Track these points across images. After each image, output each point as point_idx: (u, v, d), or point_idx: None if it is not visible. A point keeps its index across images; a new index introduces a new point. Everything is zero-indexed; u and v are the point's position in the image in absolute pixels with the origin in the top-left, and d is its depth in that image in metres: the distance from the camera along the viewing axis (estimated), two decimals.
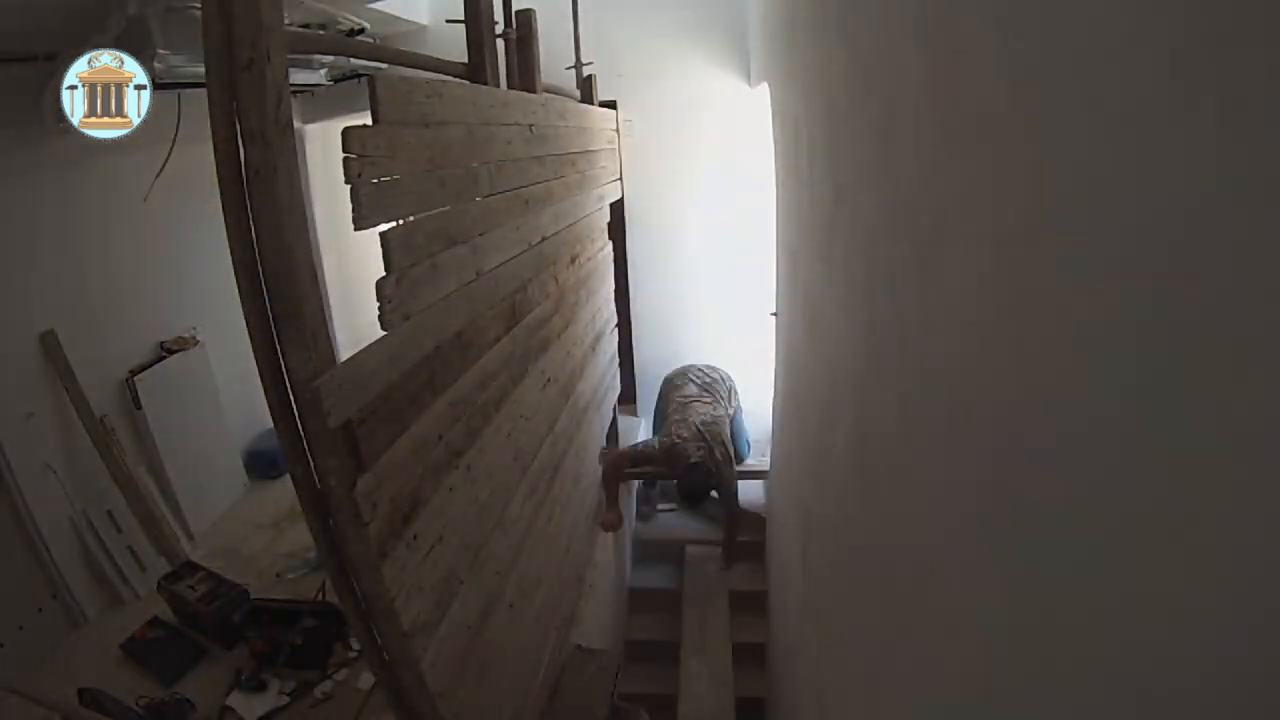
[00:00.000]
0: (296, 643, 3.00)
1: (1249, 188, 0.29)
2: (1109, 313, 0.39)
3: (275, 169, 1.05)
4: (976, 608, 0.61)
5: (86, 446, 3.51)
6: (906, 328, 0.85)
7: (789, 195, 2.34)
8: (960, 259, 0.64)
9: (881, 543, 1.02)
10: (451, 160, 1.63)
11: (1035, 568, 0.49)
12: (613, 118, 4.03)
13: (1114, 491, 0.40)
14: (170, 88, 3.11)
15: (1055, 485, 0.46)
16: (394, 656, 1.38)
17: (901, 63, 0.81)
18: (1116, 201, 0.39)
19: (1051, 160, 0.46)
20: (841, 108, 1.24)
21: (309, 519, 1.23)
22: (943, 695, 0.71)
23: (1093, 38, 0.40)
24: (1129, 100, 0.37)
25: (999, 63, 0.54)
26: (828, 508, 1.51)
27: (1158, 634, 0.36)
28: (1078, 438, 0.43)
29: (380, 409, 1.30)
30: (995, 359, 0.57)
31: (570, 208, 2.84)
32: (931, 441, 0.75)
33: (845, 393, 1.29)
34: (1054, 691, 0.47)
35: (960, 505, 0.65)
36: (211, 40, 1.02)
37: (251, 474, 4.66)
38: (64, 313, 3.43)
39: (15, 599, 3.13)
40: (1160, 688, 0.36)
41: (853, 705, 1.20)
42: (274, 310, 1.10)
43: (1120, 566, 0.39)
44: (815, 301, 1.70)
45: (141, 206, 3.71)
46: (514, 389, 2.10)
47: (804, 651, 1.82)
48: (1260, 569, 0.29)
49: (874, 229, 1.03)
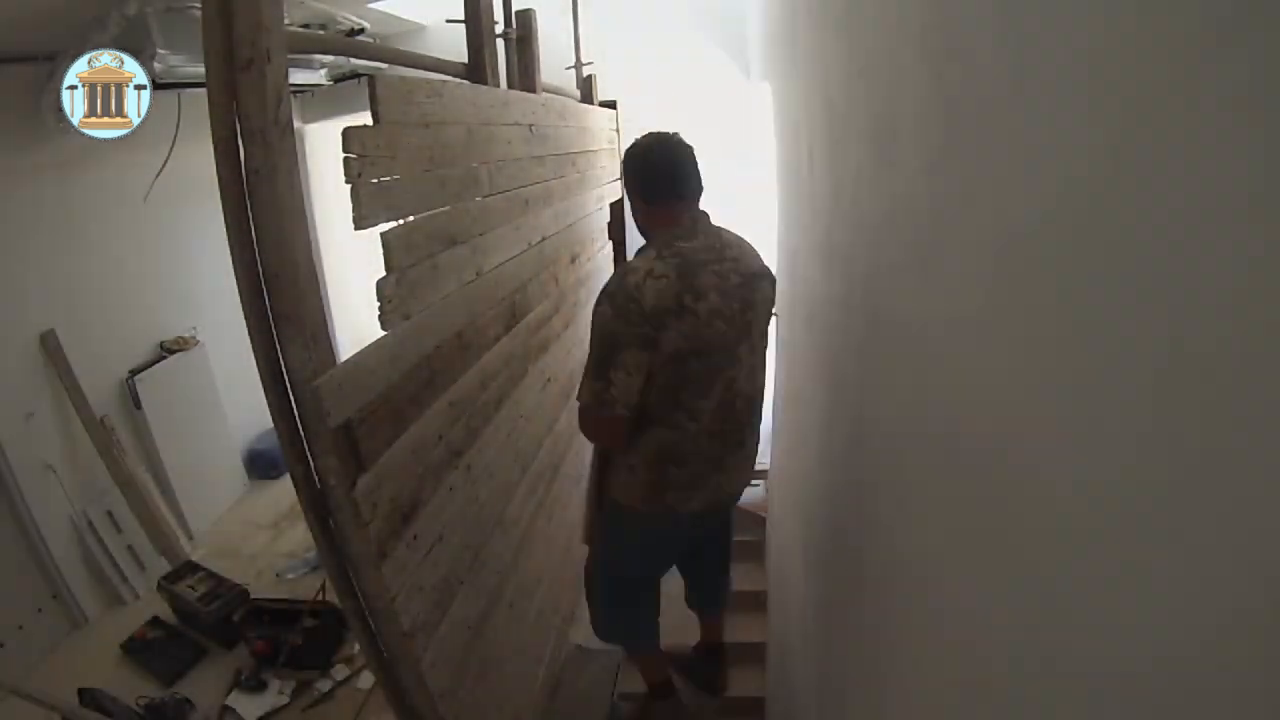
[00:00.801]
0: (296, 643, 3.00)
1: (1249, 188, 0.29)
2: (1109, 312, 0.39)
3: (275, 169, 1.05)
4: (976, 607, 0.61)
5: (86, 446, 3.52)
6: (906, 328, 0.85)
7: (789, 194, 2.35)
8: (960, 259, 0.64)
9: (881, 542, 1.02)
10: (451, 160, 1.64)
11: (1035, 567, 0.49)
12: (613, 118, 4.03)
13: (1114, 491, 0.40)
14: (170, 88, 3.12)
15: (1055, 485, 0.46)
16: (394, 656, 1.38)
17: (901, 63, 0.81)
18: (1117, 201, 0.39)
19: (1052, 160, 0.46)
20: (841, 108, 1.24)
21: (309, 519, 1.23)
22: (943, 695, 0.71)
23: (1093, 38, 0.40)
24: (1129, 100, 0.37)
25: (999, 63, 0.54)
26: (827, 507, 1.51)
27: (1158, 634, 0.36)
28: (1078, 437, 0.43)
29: (380, 409, 1.30)
30: (995, 359, 0.57)
31: (570, 208, 2.84)
32: (931, 441, 0.75)
33: (845, 393, 1.29)
34: (1054, 691, 0.47)
35: (960, 505, 0.65)
36: (211, 40, 1.03)
37: (251, 474, 4.66)
38: (64, 313, 3.44)
39: (15, 599, 3.14)
40: (1161, 689, 0.36)
41: (853, 705, 1.20)
42: (274, 310, 1.10)
43: (1121, 566, 0.39)
44: (815, 301, 1.70)
45: (141, 206, 3.72)
46: (514, 389, 2.10)
47: (804, 651, 1.82)
48: (1262, 569, 0.29)
49: (874, 229, 1.03)
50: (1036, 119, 0.48)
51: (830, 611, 1.45)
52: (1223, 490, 0.31)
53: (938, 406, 0.73)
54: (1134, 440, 0.38)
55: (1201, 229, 0.32)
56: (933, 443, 0.75)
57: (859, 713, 1.15)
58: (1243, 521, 0.30)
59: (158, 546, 3.72)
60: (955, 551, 0.68)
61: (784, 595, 2.61)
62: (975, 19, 0.59)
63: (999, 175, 0.55)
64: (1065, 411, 0.45)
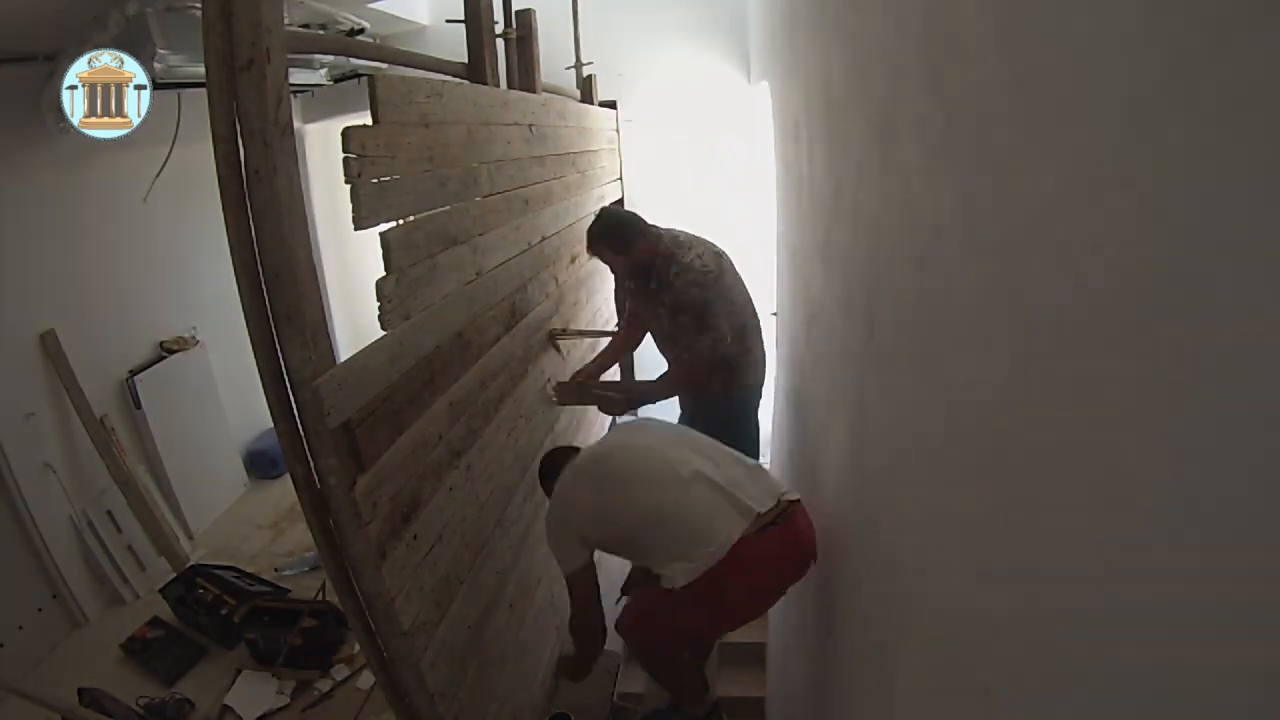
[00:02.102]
0: (296, 642, 3.00)
1: (1250, 187, 0.29)
2: (1109, 312, 0.39)
3: (275, 169, 1.05)
4: (976, 607, 0.61)
5: (86, 446, 3.51)
6: (906, 328, 0.85)
7: (789, 194, 2.35)
8: (960, 259, 0.64)
9: (881, 541, 1.02)
10: (451, 160, 1.63)
11: (1035, 567, 0.49)
12: (613, 118, 4.03)
13: (1114, 492, 0.40)
14: (170, 88, 3.11)
15: (1055, 485, 0.46)
16: (394, 656, 1.38)
17: (901, 63, 0.81)
18: (1117, 201, 0.39)
19: (1051, 160, 0.46)
20: (841, 108, 1.24)
21: (309, 519, 1.23)
22: (943, 695, 0.71)
23: (1093, 38, 0.40)
24: (1129, 100, 0.37)
25: (999, 63, 0.54)
26: (827, 507, 1.51)
27: (1158, 635, 0.36)
28: (1078, 437, 0.43)
29: (380, 409, 1.30)
30: (995, 358, 0.57)
31: (570, 207, 2.84)
32: (931, 441, 0.75)
33: (845, 392, 1.29)
34: (1054, 692, 0.47)
35: (960, 504, 0.65)
36: (211, 40, 1.03)
37: (251, 474, 4.66)
38: (64, 313, 3.44)
39: (15, 599, 3.13)
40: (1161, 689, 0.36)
41: (853, 705, 1.20)
42: (274, 310, 1.10)
43: (1121, 567, 0.39)
44: (815, 301, 1.70)
45: (142, 206, 3.72)
46: (514, 389, 2.10)
47: (804, 651, 1.82)
48: (1263, 570, 0.29)
49: (874, 229, 1.03)
50: (1036, 119, 0.48)
51: (830, 610, 1.45)
52: (1224, 491, 0.31)
53: (937, 405, 0.73)
54: (1134, 440, 0.38)
55: (1201, 229, 0.32)
56: (932, 442, 0.75)
57: (859, 712, 1.15)
58: (1244, 522, 0.30)
59: (158, 546, 3.72)
60: (955, 550, 0.68)
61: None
62: (975, 19, 0.59)
63: (999, 175, 0.55)
64: (1065, 410, 0.45)
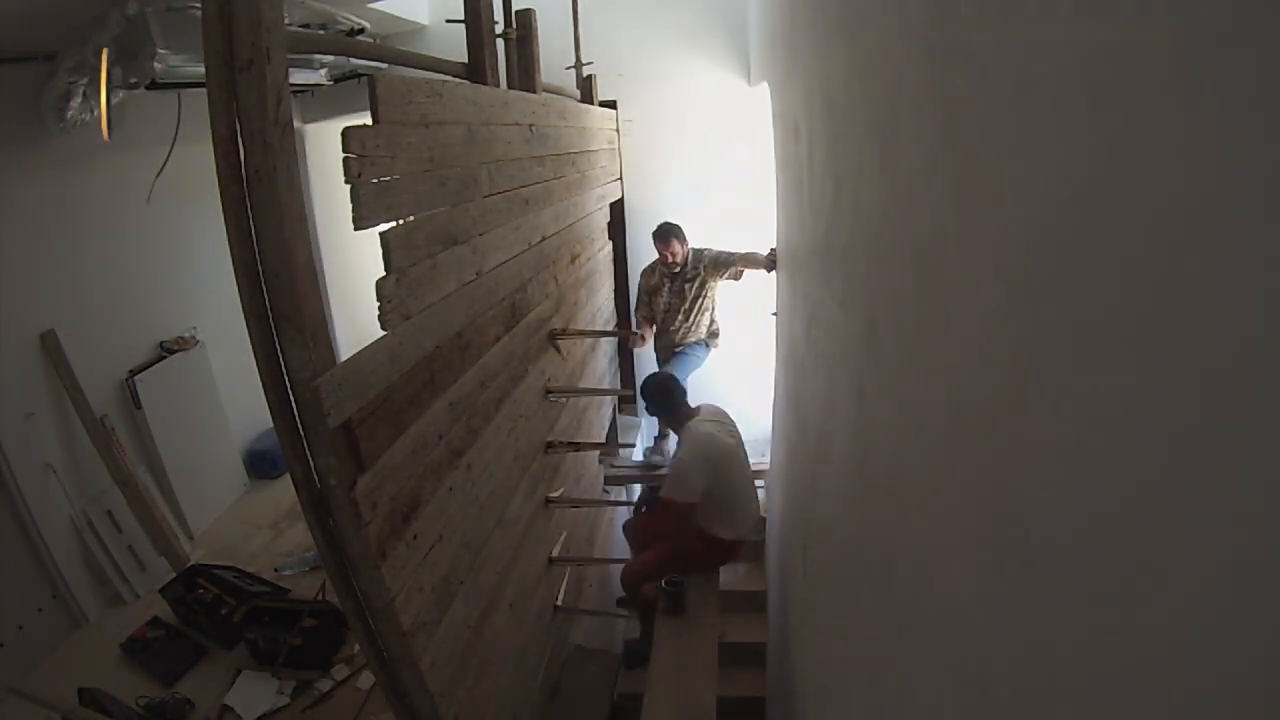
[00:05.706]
0: (296, 642, 3.00)
1: (1250, 187, 0.29)
2: (1109, 312, 0.39)
3: (275, 169, 1.05)
4: (976, 607, 0.61)
5: (86, 446, 3.51)
6: (906, 328, 0.85)
7: (789, 194, 2.35)
8: (960, 259, 0.64)
9: (881, 542, 1.02)
10: (451, 160, 1.63)
11: (1034, 567, 0.49)
12: (613, 118, 4.03)
13: (1114, 492, 0.40)
14: (170, 88, 3.11)
15: (1055, 485, 0.46)
16: (394, 656, 1.38)
17: (901, 63, 0.81)
18: (1117, 201, 0.39)
19: (1051, 160, 0.46)
20: (841, 107, 1.24)
21: (309, 519, 1.23)
22: (943, 695, 0.71)
23: (1093, 38, 0.40)
24: (1129, 100, 0.37)
25: (999, 63, 0.54)
26: (827, 507, 1.51)
27: (1159, 635, 0.36)
28: (1078, 438, 0.43)
29: (380, 409, 1.30)
30: (995, 358, 0.57)
31: (570, 207, 2.84)
32: (931, 441, 0.75)
33: (845, 393, 1.29)
34: (1054, 691, 0.47)
35: (960, 505, 0.65)
36: (211, 40, 1.03)
37: (251, 474, 4.66)
38: (64, 313, 3.43)
39: (15, 599, 3.13)
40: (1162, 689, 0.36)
41: (852, 705, 1.20)
42: (274, 310, 1.10)
43: (1121, 567, 0.39)
44: (815, 301, 1.70)
45: (142, 206, 3.72)
46: (514, 389, 2.10)
47: (804, 651, 1.82)
48: (1264, 571, 0.29)
49: (874, 228, 1.03)
50: (1036, 119, 0.48)
51: (830, 611, 1.45)
52: (1224, 491, 0.31)
53: (937, 406, 0.73)
54: (1134, 440, 0.38)
55: (1202, 229, 0.32)
56: (932, 441, 0.75)
57: (858, 712, 1.15)
58: (1245, 522, 0.30)
59: (158, 546, 3.72)
60: (955, 551, 0.68)
61: (784, 595, 2.61)
62: (975, 19, 0.59)
63: (999, 175, 0.55)
64: (1065, 411, 0.45)
